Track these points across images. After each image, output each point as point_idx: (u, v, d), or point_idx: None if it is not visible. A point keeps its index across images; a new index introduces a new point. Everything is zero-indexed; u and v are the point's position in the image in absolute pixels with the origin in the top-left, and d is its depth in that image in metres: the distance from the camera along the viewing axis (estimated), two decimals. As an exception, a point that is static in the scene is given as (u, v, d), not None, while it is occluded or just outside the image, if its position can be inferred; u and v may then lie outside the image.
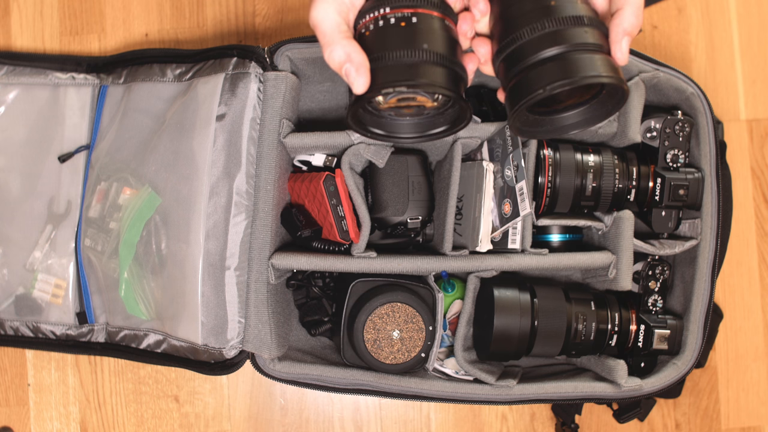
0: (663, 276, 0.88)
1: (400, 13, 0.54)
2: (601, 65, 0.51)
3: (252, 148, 0.83)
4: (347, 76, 0.53)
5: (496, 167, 0.84)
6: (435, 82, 0.52)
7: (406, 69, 0.52)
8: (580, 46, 0.51)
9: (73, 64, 0.98)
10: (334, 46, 0.53)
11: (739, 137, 1.07)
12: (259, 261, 0.83)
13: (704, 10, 1.08)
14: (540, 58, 0.52)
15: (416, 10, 0.54)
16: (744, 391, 1.05)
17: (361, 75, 0.52)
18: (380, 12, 0.54)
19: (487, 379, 0.84)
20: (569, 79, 0.50)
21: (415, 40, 0.53)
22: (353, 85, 0.52)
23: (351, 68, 0.52)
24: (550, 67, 0.51)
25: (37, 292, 0.95)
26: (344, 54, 0.53)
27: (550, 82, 0.50)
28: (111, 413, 1.02)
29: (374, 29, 0.54)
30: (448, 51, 0.54)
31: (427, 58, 0.52)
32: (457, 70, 0.54)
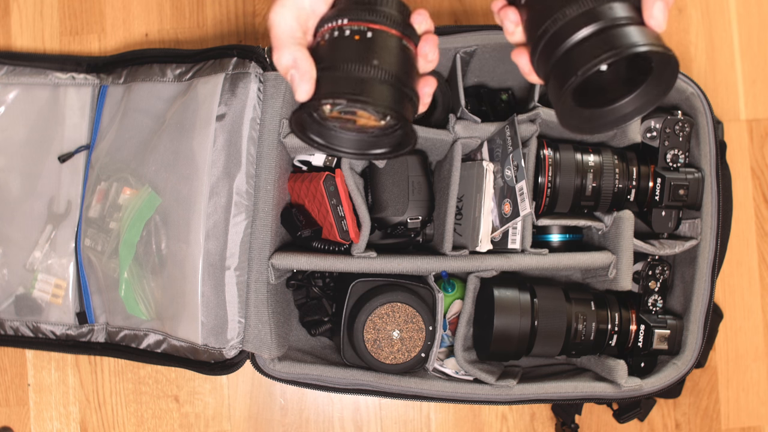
0: (663, 276, 0.88)
1: (357, 26, 0.53)
2: (643, 35, 0.48)
3: (252, 148, 0.83)
4: (292, 81, 0.52)
5: (496, 167, 0.84)
6: (378, 101, 0.50)
7: (350, 82, 0.51)
8: (617, 20, 0.48)
9: (73, 64, 0.98)
10: (283, 51, 0.53)
11: (739, 137, 1.07)
12: (259, 261, 0.83)
13: (704, 10, 1.08)
14: (575, 40, 0.49)
15: (373, 25, 0.53)
16: (744, 391, 1.05)
17: (304, 82, 0.52)
18: (337, 23, 0.54)
19: (487, 379, 0.84)
20: (611, 51, 0.47)
21: (365, 55, 0.52)
22: (296, 92, 0.52)
23: (296, 74, 0.52)
24: (587, 46, 0.48)
25: (37, 292, 0.95)
26: (291, 59, 0.53)
27: (590, 59, 0.47)
28: (111, 413, 1.02)
29: (329, 39, 0.54)
30: (399, 71, 0.52)
31: (375, 75, 0.51)
32: (406, 92, 0.53)
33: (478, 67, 0.91)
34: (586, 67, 0.47)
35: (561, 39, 0.49)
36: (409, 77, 0.53)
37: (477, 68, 0.91)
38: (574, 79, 0.48)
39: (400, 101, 0.52)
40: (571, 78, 0.48)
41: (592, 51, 0.47)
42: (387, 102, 0.51)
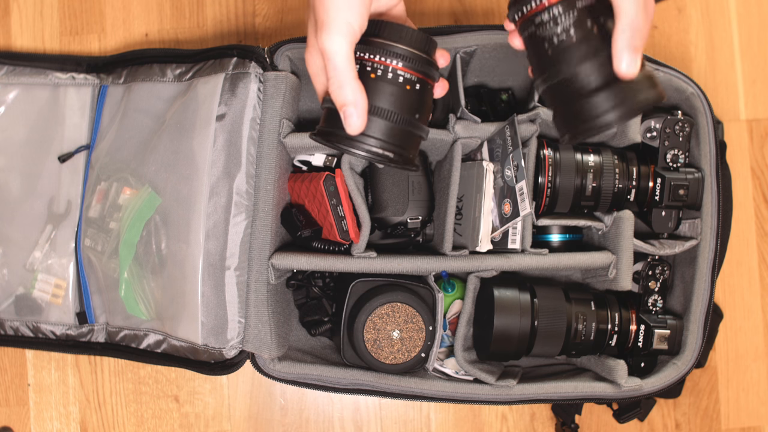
0: (663, 276, 0.88)
1: (410, 74, 0.57)
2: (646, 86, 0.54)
3: (252, 148, 0.83)
4: (347, 116, 0.55)
5: (496, 167, 0.84)
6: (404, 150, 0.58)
7: (393, 132, 0.57)
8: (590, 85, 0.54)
9: (73, 64, 0.98)
10: (346, 87, 0.54)
11: (739, 137, 1.07)
12: (259, 261, 0.83)
13: (704, 10, 1.08)
14: (588, 89, 0.54)
15: (421, 76, 0.58)
16: (744, 391, 1.05)
17: (360, 119, 0.55)
18: (392, 63, 0.57)
19: (487, 379, 0.84)
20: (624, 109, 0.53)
21: (411, 107, 0.57)
22: (349, 126, 0.55)
23: (354, 112, 0.55)
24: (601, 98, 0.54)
25: (37, 292, 0.95)
26: (353, 97, 0.54)
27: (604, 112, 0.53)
28: (111, 413, 1.02)
29: (382, 77, 0.57)
30: (426, 117, 0.59)
31: (412, 129, 0.58)
32: (424, 137, 0.60)
33: (478, 67, 0.91)
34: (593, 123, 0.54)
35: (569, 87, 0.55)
36: (426, 118, 0.60)
37: (477, 68, 0.91)
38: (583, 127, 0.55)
39: (415, 145, 0.60)
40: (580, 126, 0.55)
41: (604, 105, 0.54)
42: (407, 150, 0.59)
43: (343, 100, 0.55)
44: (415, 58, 0.57)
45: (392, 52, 0.57)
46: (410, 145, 0.59)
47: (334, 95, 0.55)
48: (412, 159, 0.60)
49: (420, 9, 1.06)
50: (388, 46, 0.57)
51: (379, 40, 0.57)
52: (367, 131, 0.56)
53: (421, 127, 0.59)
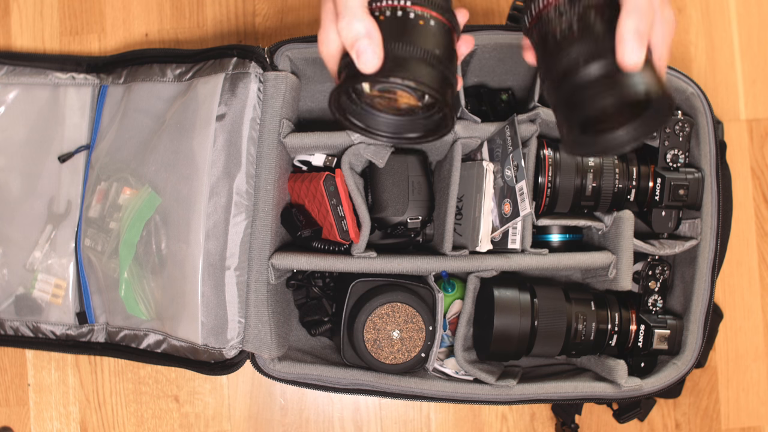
0: (663, 276, 0.88)
1: (420, 11, 0.53)
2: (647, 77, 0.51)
3: (252, 148, 0.83)
4: (361, 52, 0.50)
5: (496, 167, 0.84)
6: (437, 87, 0.52)
7: (416, 65, 0.51)
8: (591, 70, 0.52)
9: (73, 64, 0.98)
10: (354, 18, 0.50)
11: (739, 137, 1.07)
12: (259, 261, 0.83)
13: (704, 10, 1.08)
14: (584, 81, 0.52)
15: (436, 14, 0.54)
16: (744, 391, 1.05)
17: (376, 54, 0.50)
18: (400, 3, 0.53)
19: (487, 379, 0.84)
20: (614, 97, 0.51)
21: (428, 41, 0.53)
22: (364, 63, 0.50)
23: (369, 45, 0.50)
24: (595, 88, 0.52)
25: (37, 292, 0.95)
26: (364, 28, 0.50)
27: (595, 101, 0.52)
28: (111, 413, 1.02)
29: (391, 16, 0.53)
30: (450, 61, 0.54)
31: (435, 64, 0.52)
32: (453, 81, 0.54)
33: (478, 67, 0.91)
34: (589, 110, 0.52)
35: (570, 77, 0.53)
36: (453, 62, 0.55)
37: (477, 68, 0.91)
38: (579, 116, 0.53)
39: (449, 89, 0.54)
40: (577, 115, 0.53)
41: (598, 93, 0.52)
42: (442, 89, 0.52)
43: (354, 34, 0.50)
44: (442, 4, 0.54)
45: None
46: (440, 86, 0.52)
47: (343, 32, 0.50)
48: (449, 111, 0.54)
49: (420, 9, 1.06)
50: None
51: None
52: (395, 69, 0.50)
53: (449, 66, 0.53)
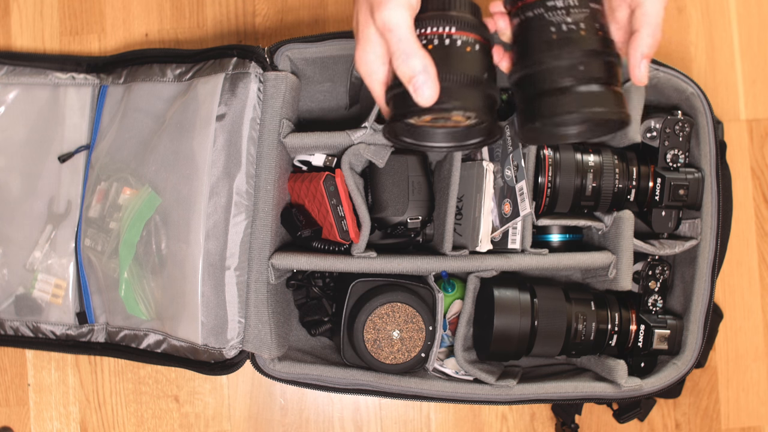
0: (663, 276, 0.88)
1: (466, 36, 0.55)
2: (605, 99, 0.54)
3: (252, 148, 0.83)
4: (419, 86, 0.52)
5: (496, 167, 0.84)
6: (483, 109, 0.55)
7: (465, 93, 0.54)
8: (583, 80, 0.54)
9: (73, 64, 0.98)
10: (413, 56, 0.52)
11: (739, 137, 1.07)
12: (259, 261, 0.83)
13: (704, 10, 1.08)
14: (546, 89, 0.55)
15: (476, 37, 0.56)
16: (744, 391, 1.05)
17: (432, 89, 0.52)
18: (446, 30, 0.55)
19: (487, 379, 0.84)
20: (575, 115, 0.54)
21: (474, 66, 0.55)
22: (422, 97, 0.52)
23: (426, 81, 0.52)
24: (555, 99, 0.54)
25: (37, 292, 0.95)
26: (421, 65, 0.52)
27: (553, 113, 0.54)
28: (111, 413, 1.02)
29: (439, 45, 0.55)
30: (493, 79, 0.57)
31: (481, 87, 0.55)
32: (496, 97, 0.57)
33: (478, 67, 0.91)
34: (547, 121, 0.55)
35: (539, 82, 0.55)
36: (495, 81, 0.58)
37: (477, 68, 0.91)
38: (538, 125, 0.56)
39: (491, 105, 0.57)
40: (535, 123, 0.56)
41: (557, 107, 0.54)
42: (483, 108, 0.55)
43: (411, 70, 0.52)
44: (467, 20, 0.56)
45: (441, 20, 0.55)
46: (488, 107, 0.56)
47: (401, 68, 0.52)
48: (495, 124, 0.57)
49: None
50: (437, 15, 0.56)
51: (427, 13, 0.56)
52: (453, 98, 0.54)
53: (492, 85, 0.56)
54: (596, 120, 0.56)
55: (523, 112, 0.57)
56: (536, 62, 0.55)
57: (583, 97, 0.54)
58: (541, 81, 0.55)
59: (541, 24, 0.56)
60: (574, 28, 0.54)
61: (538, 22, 0.56)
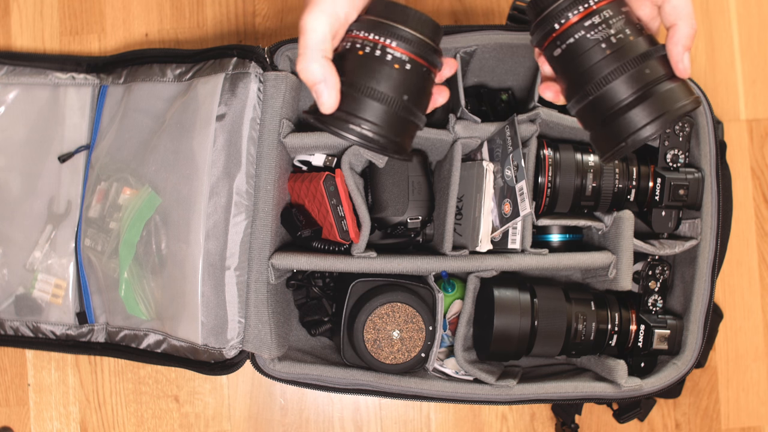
0: (663, 276, 0.88)
1: (400, 54, 0.54)
2: (678, 94, 0.54)
3: (252, 148, 0.83)
4: (318, 94, 0.54)
5: (496, 167, 0.84)
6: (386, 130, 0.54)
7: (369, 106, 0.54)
8: (652, 83, 0.53)
9: (73, 64, 0.98)
10: (311, 62, 0.54)
11: (739, 137, 1.07)
12: (259, 261, 0.83)
13: (704, 10, 1.08)
14: (619, 107, 0.54)
15: (414, 56, 0.55)
16: (744, 391, 1.05)
17: (332, 97, 0.54)
18: (382, 41, 0.54)
19: (487, 379, 0.84)
20: (659, 120, 0.53)
21: (401, 89, 0.54)
22: (322, 104, 0.54)
23: (324, 89, 0.53)
24: (633, 113, 0.53)
25: (37, 292, 0.95)
26: (321, 74, 0.53)
27: (637, 128, 0.53)
28: (111, 413, 1.02)
29: (369, 53, 0.54)
30: (417, 104, 0.56)
31: (394, 109, 0.54)
32: (419, 125, 0.57)
33: (478, 67, 0.91)
34: (634, 136, 0.53)
35: (606, 104, 0.54)
36: (421, 105, 0.57)
37: (477, 68, 0.91)
38: (623, 145, 0.54)
39: (410, 132, 0.56)
40: (621, 144, 0.54)
41: (638, 120, 0.53)
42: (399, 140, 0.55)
43: (312, 78, 0.54)
44: (410, 38, 0.55)
45: (383, 30, 0.54)
46: (403, 131, 0.55)
47: (303, 74, 0.54)
48: (405, 147, 0.56)
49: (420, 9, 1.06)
50: (379, 23, 0.55)
51: (370, 17, 0.55)
52: (356, 111, 0.54)
53: (415, 112, 0.56)
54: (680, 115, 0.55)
55: (603, 138, 0.55)
56: (599, 84, 0.54)
57: (661, 99, 0.53)
58: (613, 99, 0.54)
59: (588, 45, 0.54)
60: (622, 37, 0.54)
61: (583, 46, 0.55)
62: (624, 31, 0.54)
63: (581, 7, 0.54)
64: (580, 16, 0.54)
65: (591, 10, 0.54)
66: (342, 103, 0.54)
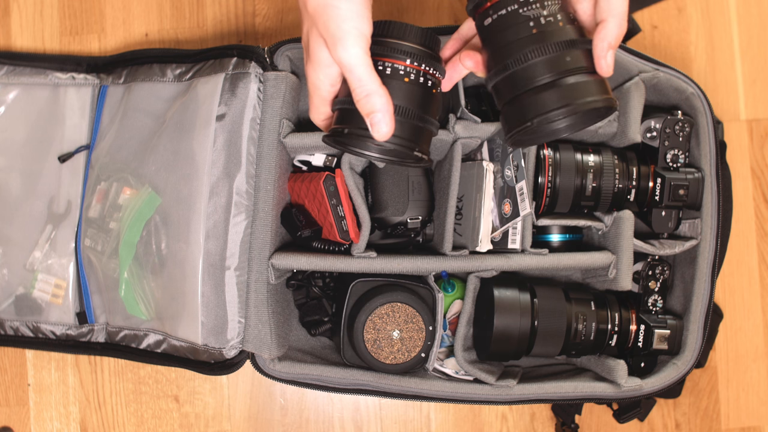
0: (663, 276, 0.88)
1: (416, 70, 0.57)
2: (593, 88, 0.54)
3: (252, 148, 0.83)
4: (375, 123, 0.55)
5: (496, 167, 0.84)
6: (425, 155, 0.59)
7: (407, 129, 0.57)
8: (569, 72, 0.54)
9: (73, 64, 0.98)
10: (374, 95, 0.54)
11: (739, 137, 1.07)
12: (259, 261, 0.83)
13: (704, 10, 1.08)
14: (532, 86, 0.54)
15: (428, 72, 0.58)
16: (744, 391, 1.05)
17: (389, 125, 0.55)
18: (398, 60, 0.57)
19: (487, 379, 0.84)
20: (566, 108, 0.53)
21: (421, 102, 0.58)
22: (378, 132, 0.55)
23: (383, 119, 0.55)
24: (544, 95, 0.54)
25: (37, 292, 0.95)
26: (381, 104, 0.54)
27: (545, 110, 0.53)
28: (111, 413, 1.02)
29: (391, 74, 0.57)
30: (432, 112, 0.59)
31: (414, 121, 0.57)
32: (434, 130, 0.60)
33: (478, 67, 0.91)
34: (541, 118, 0.54)
35: (518, 82, 0.55)
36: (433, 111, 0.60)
37: (477, 68, 0.91)
38: (529, 125, 0.54)
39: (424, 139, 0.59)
40: (526, 123, 0.54)
41: (546, 102, 0.54)
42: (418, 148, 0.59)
43: (371, 108, 0.54)
44: (420, 54, 0.57)
45: (398, 50, 0.57)
46: (423, 139, 0.59)
47: (362, 104, 0.55)
48: (426, 154, 0.60)
49: (420, 8, 1.06)
50: (394, 44, 0.57)
51: (384, 39, 0.57)
52: None
53: (432, 121, 0.59)
54: (587, 110, 0.55)
55: (511, 114, 0.56)
56: (518, 60, 0.54)
57: (574, 88, 0.53)
58: (527, 78, 0.54)
59: (517, 20, 0.55)
60: (551, 21, 0.54)
61: (513, 19, 0.55)
62: (555, 15, 0.54)
63: None
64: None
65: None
66: (359, 121, 0.56)
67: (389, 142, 0.56)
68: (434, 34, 0.59)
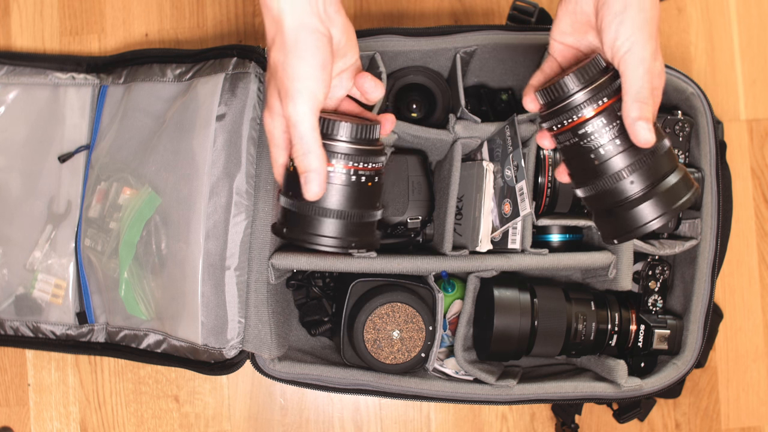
0: (663, 276, 0.88)
1: (342, 169, 0.59)
2: (681, 188, 0.57)
3: (252, 147, 0.83)
4: (308, 181, 0.57)
5: (496, 167, 0.84)
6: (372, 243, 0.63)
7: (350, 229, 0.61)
8: (660, 178, 0.56)
9: (73, 64, 0.98)
10: (311, 154, 0.56)
11: (739, 137, 1.07)
12: (259, 261, 0.83)
13: (704, 10, 1.08)
14: (630, 200, 0.56)
15: (360, 167, 0.60)
16: (744, 391, 1.05)
17: (321, 186, 0.57)
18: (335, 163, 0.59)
19: (487, 379, 0.84)
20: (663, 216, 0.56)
21: (361, 201, 0.61)
22: (309, 191, 0.57)
23: (316, 178, 0.57)
24: (645, 208, 0.56)
25: (37, 292, 0.95)
26: (317, 164, 0.56)
27: (644, 222, 0.57)
28: (111, 413, 1.02)
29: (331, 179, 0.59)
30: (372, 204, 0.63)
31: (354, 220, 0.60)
32: (376, 218, 0.63)
33: (478, 67, 0.91)
34: (642, 229, 0.57)
35: (614, 197, 0.57)
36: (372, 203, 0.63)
37: (477, 68, 0.91)
38: (630, 235, 0.57)
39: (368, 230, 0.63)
40: (629, 234, 0.57)
41: (646, 215, 0.56)
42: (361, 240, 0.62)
43: (306, 166, 0.57)
44: (347, 151, 0.59)
45: (330, 151, 0.58)
46: (368, 231, 0.62)
47: (299, 161, 0.57)
48: (374, 241, 0.64)
49: (420, 9, 1.06)
50: (326, 145, 0.58)
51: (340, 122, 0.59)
52: (325, 232, 0.60)
53: (371, 213, 0.62)
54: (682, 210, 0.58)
55: (610, 224, 0.58)
56: (612, 179, 0.56)
57: (666, 195, 0.56)
58: (622, 194, 0.56)
59: (578, 153, 0.57)
60: (609, 150, 0.56)
61: (578, 149, 0.57)
62: (615, 141, 0.56)
63: (598, 103, 0.56)
64: (597, 111, 0.56)
65: (605, 107, 0.56)
66: (306, 225, 0.59)
67: (327, 245, 0.60)
68: (370, 126, 0.60)
